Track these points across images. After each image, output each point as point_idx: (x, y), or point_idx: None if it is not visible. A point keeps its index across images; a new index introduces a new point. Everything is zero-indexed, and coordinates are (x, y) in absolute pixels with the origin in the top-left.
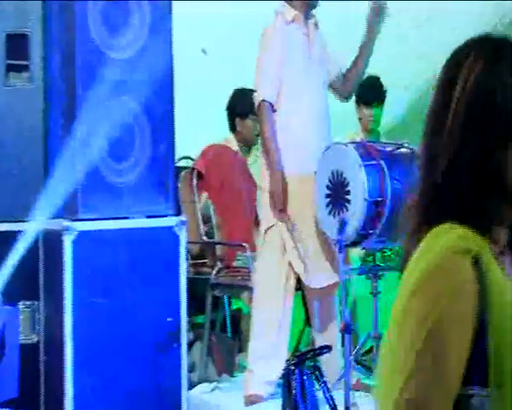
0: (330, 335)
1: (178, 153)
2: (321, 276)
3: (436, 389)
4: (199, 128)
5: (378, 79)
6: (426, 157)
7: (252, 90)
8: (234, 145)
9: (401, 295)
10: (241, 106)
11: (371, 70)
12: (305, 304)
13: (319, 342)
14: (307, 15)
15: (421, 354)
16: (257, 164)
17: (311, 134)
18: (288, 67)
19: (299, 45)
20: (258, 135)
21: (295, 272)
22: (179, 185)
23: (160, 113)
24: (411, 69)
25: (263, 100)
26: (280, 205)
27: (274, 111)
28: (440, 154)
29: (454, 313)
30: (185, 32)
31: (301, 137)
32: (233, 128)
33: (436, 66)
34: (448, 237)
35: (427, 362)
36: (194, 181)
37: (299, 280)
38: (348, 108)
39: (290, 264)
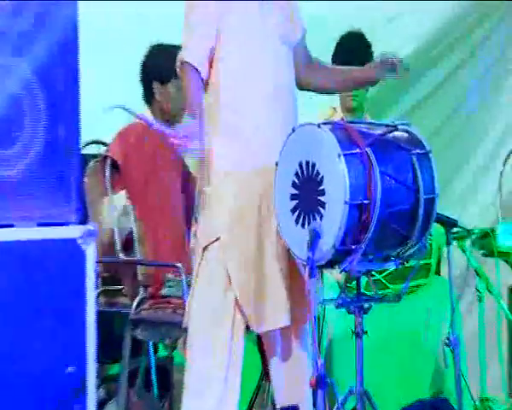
0: (297, 391)
1: (85, 135)
2: (278, 313)
3: None
4: (113, 101)
5: (362, 36)
6: None
7: (175, 47)
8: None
9: None
10: (161, 67)
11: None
12: (261, 347)
13: (281, 400)
14: None
15: None
16: None
17: (268, 113)
18: (230, 24)
19: None
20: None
21: None
22: (86, 181)
23: (60, 81)
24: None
25: (185, 62)
26: None
27: (205, 83)
28: None
29: None
30: None
31: (254, 117)
32: (149, 98)
33: None
34: None
35: None
36: (108, 175)
37: None
38: None
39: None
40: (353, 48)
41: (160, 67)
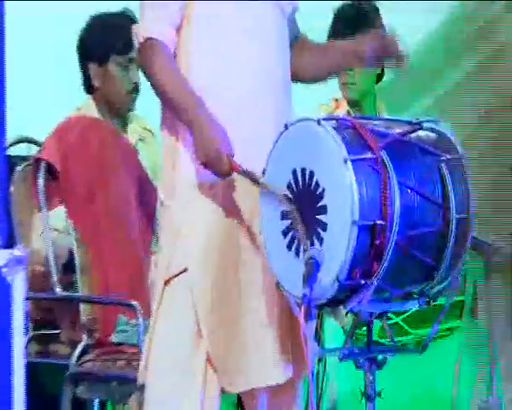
0: None
1: (12, 132)
2: (263, 367)
3: None
4: (48, 90)
5: (360, 6)
6: None
7: (113, 16)
8: (93, 115)
9: None
10: (100, 43)
11: None
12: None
13: None
14: None
15: None
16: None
17: (254, 104)
18: None
19: None
20: (134, 90)
21: None
22: (13, 190)
23: None
24: None
25: (149, 38)
26: (224, 167)
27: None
28: None
29: None
30: None
31: (235, 110)
32: (88, 85)
33: None
34: None
35: None
36: (42, 183)
37: None
38: None
39: None
40: (350, 18)
41: (95, 43)
